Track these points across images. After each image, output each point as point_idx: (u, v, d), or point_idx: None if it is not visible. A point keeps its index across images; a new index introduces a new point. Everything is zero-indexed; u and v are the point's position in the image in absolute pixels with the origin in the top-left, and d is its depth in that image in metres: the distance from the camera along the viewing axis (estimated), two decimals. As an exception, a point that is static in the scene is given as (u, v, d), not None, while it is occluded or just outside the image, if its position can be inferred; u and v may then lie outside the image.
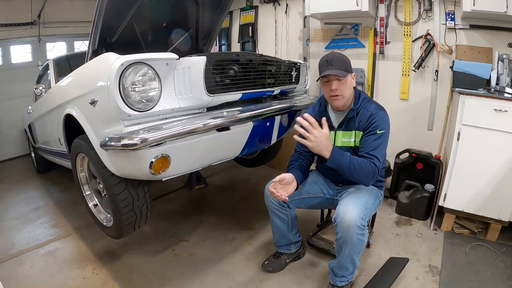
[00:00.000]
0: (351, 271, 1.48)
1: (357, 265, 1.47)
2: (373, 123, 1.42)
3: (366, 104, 1.49)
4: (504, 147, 1.80)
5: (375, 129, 1.42)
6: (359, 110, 1.47)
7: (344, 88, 1.43)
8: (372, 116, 1.43)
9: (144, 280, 1.73)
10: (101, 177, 1.56)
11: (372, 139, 1.41)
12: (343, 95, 1.44)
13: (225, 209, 2.53)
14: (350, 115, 1.48)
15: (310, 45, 3.24)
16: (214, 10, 2.51)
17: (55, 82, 2.36)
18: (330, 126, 1.52)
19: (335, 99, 1.46)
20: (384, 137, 1.43)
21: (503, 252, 1.84)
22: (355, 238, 1.33)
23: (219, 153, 1.66)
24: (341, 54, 1.50)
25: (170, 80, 1.38)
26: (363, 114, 1.46)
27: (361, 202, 1.39)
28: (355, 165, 1.36)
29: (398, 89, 2.73)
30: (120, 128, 1.28)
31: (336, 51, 1.52)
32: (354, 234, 1.32)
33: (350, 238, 1.34)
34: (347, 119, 1.50)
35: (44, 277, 1.77)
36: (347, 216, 1.32)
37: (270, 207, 1.64)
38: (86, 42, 4.08)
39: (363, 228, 1.33)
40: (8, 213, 2.64)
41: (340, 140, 1.53)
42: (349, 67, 1.45)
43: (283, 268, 1.76)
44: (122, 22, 1.97)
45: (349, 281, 1.51)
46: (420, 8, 2.51)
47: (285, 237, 1.73)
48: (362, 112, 1.47)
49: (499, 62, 2.04)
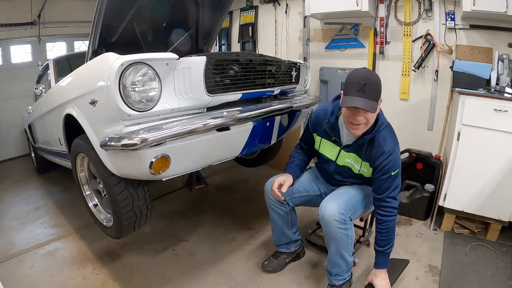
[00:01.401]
0: (344, 268, 1.47)
1: (349, 261, 1.46)
2: (386, 165, 1.35)
3: (382, 133, 1.38)
4: (504, 147, 1.80)
5: (389, 170, 1.36)
6: (372, 138, 1.39)
7: (370, 118, 1.31)
8: (385, 156, 1.35)
9: (144, 280, 1.73)
10: (101, 177, 1.56)
11: (388, 181, 1.37)
12: (367, 124, 1.33)
13: (225, 209, 2.53)
14: (361, 141, 1.41)
15: (310, 45, 3.24)
16: (214, 10, 2.51)
17: (55, 82, 2.36)
18: (337, 142, 1.50)
19: (355, 128, 1.33)
20: (399, 176, 1.40)
21: (503, 252, 1.84)
22: (338, 233, 1.35)
23: (219, 153, 1.66)
24: (375, 76, 1.32)
25: (170, 80, 1.38)
26: (375, 148, 1.38)
27: (342, 198, 1.42)
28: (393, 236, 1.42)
29: (398, 89, 2.73)
30: (120, 128, 1.28)
31: (370, 70, 1.39)
32: (335, 228, 1.35)
33: (333, 233, 1.37)
34: (357, 144, 1.43)
35: (44, 277, 1.77)
36: (326, 211, 1.36)
37: (269, 204, 1.66)
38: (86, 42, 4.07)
39: (344, 222, 1.35)
40: (8, 213, 2.64)
41: (343, 160, 1.51)
42: (380, 94, 1.29)
43: (283, 268, 1.77)
44: (122, 22, 1.97)
45: (346, 279, 1.51)
46: (420, 8, 2.51)
47: (285, 235, 1.73)
48: (375, 143, 1.38)
49: (499, 62, 2.04)
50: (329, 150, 1.55)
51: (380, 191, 1.40)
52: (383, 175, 1.37)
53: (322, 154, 1.59)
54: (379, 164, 1.37)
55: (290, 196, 1.62)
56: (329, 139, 1.54)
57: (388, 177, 1.37)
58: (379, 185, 1.40)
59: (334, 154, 1.53)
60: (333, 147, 1.53)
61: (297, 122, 2.19)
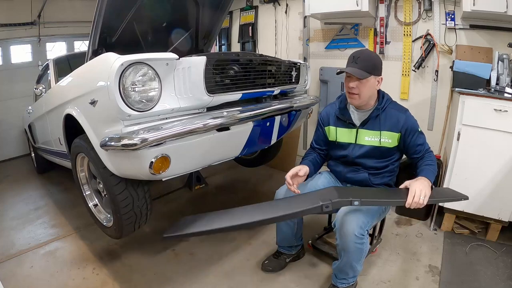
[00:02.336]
0: (351, 275, 1.48)
1: (357, 270, 1.45)
2: (412, 123, 1.46)
3: (391, 105, 1.50)
4: (504, 147, 1.80)
5: (414, 129, 1.45)
6: (384, 109, 1.48)
7: (363, 88, 1.41)
8: (404, 118, 1.45)
9: (144, 280, 1.73)
10: (101, 177, 1.56)
11: (419, 139, 1.46)
12: (360, 95, 1.43)
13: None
14: (375, 113, 1.48)
15: (310, 45, 3.24)
16: (214, 10, 2.51)
17: (55, 82, 2.36)
18: (351, 124, 1.53)
19: (350, 96, 1.46)
20: (422, 132, 1.49)
21: (503, 252, 1.84)
22: (353, 247, 1.32)
23: (219, 153, 1.66)
24: (372, 53, 1.49)
25: (170, 80, 1.38)
26: (390, 115, 1.47)
27: (362, 210, 1.36)
28: (435, 169, 1.41)
29: (398, 89, 2.73)
30: (120, 128, 1.28)
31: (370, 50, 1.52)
32: (351, 243, 1.31)
33: (348, 247, 1.33)
34: (373, 117, 1.49)
35: (44, 277, 1.77)
36: (345, 225, 1.32)
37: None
38: (86, 42, 4.08)
39: (361, 237, 1.31)
40: (8, 213, 2.64)
41: (363, 138, 1.51)
42: (375, 68, 1.42)
43: (283, 267, 1.76)
44: (122, 22, 1.97)
45: (350, 284, 1.51)
46: (420, 8, 2.51)
47: (288, 240, 1.73)
48: (389, 112, 1.47)
49: (499, 62, 2.04)
50: (346, 135, 1.56)
51: (418, 149, 1.46)
52: (413, 135, 1.45)
53: (341, 142, 1.57)
54: (405, 124, 1.45)
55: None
56: (344, 125, 1.56)
57: (418, 134, 1.46)
58: (413, 145, 1.45)
59: (352, 136, 1.53)
60: (350, 132, 1.54)
61: (297, 122, 2.19)
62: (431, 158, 1.46)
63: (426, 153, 1.47)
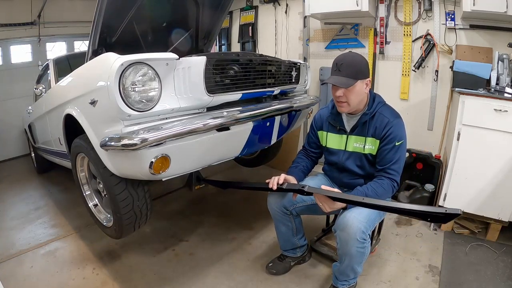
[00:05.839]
0: (352, 277, 1.47)
1: (358, 272, 1.45)
2: (390, 133, 1.36)
3: (382, 109, 1.43)
4: (504, 147, 1.80)
5: (393, 140, 1.36)
6: (374, 114, 1.42)
7: (350, 95, 1.37)
8: (390, 125, 1.37)
9: (144, 280, 1.73)
10: (101, 177, 1.56)
11: (391, 152, 1.36)
12: (348, 102, 1.39)
13: (225, 209, 2.53)
14: (364, 119, 1.44)
15: (310, 45, 3.24)
16: (214, 10, 2.50)
17: (55, 82, 2.35)
18: (342, 130, 1.51)
19: (339, 105, 1.43)
20: (403, 148, 1.38)
21: (503, 252, 1.84)
22: (355, 252, 1.31)
23: (219, 153, 1.66)
24: (355, 57, 1.39)
25: (170, 80, 1.38)
26: (379, 120, 1.40)
27: (363, 214, 1.32)
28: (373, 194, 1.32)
29: (398, 89, 2.73)
30: (120, 128, 1.28)
31: (353, 52, 1.44)
32: (353, 248, 1.30)
33: (349, 251, 1.32)
34: (361, 123, 1.45)
35: (44, 277, 1.77)
36: (347, 229, 1.29)
37: (273, 215, 1.64)
38: (86, 42, 4.08)
39: (363, 242, 1.30)
40: (8, 213, 2.64)
41: (352, 145, 1.49)
42: (359, 73, 1.36)
43: (287, 271, 1.75)
44: (122, 22, 1.96)
45: (351, 284, 1.51)
46: (420, 8, 2.51)
47: (290, 242, 1.71)
48: (378, 117, 1.41)
49: (499, 62, 2.05)
50: (337, 141, 1.55)
51: (383, 162, 1.38)
52: (387, 145, 1.37)
53: (330, 148, 1.58)
54: (384, 133, 1.37)
55: (293, 206, 1.58)
56: (335, 131, 1.55)
57: (392, 147, 1.36)
58: (382, 156, 1.38)
59: (342, 142, 1.52)
60: (340, 138, 1.53)
61: (297, 122, 2.19)
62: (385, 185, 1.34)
63: (386, 174, 1.36)
